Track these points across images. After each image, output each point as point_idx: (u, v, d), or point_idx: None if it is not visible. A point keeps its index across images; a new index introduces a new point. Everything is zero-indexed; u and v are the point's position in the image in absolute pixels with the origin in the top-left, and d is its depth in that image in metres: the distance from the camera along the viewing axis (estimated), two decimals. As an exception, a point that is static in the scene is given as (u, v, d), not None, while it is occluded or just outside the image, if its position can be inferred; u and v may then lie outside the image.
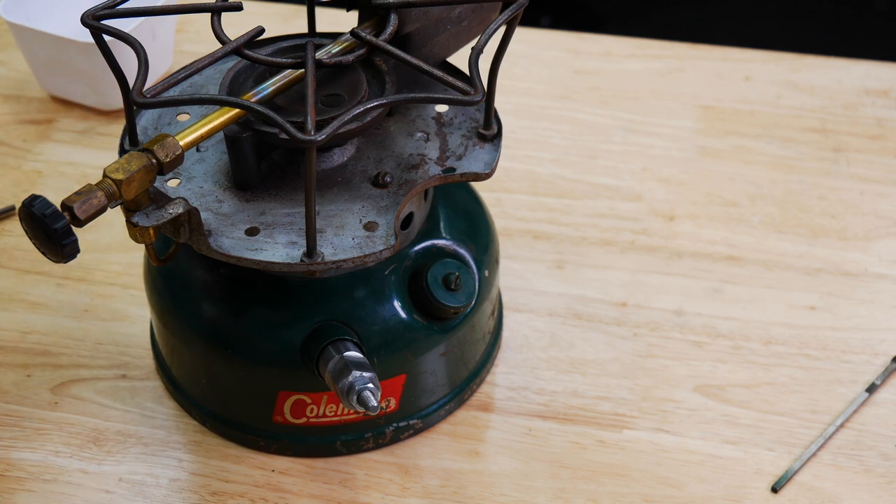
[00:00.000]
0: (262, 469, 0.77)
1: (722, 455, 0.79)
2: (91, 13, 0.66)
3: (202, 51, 1.05)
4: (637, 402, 0.82)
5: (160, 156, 0.63)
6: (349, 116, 0.62)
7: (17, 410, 0.80)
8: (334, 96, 0.69)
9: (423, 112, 0.75)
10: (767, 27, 1.91)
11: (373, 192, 0.70)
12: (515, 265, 0.90)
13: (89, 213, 0.60)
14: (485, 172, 0.70)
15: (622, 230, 0.93)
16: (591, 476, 0.78)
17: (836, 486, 0.77)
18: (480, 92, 0.64)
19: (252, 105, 0.63)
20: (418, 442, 0.79)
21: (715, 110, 1.05)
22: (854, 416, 0.81)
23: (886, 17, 1.98)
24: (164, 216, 0.64)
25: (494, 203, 0.95)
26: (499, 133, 0.73)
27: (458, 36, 0.73)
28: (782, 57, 1.10)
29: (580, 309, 0.87)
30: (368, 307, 0.73)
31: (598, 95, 1.06)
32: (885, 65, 1.09)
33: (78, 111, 1.03)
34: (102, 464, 0.78)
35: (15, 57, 1.09)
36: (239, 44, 0.66)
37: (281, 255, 0.66)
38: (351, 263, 0.66)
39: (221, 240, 0.67)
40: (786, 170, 0.99)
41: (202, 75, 0.76)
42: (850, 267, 0.91)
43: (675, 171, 0.99)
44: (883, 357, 0.85)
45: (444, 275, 0.73)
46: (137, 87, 0.63)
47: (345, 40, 0.70)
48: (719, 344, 0.85)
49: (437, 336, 0.75)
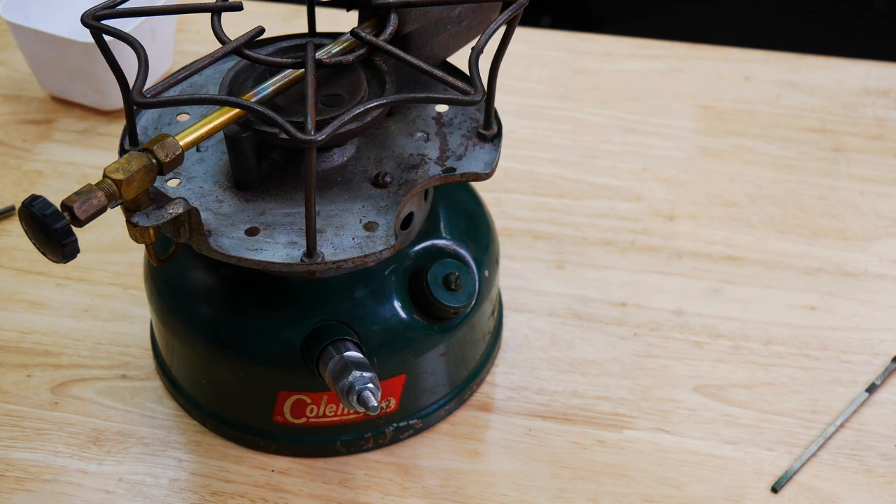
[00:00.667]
0: (262, 469, 0.77)
1: (722, 455, 0.79)
2: (91, 13, 0.66)
3: (202, 51, 1.05)
4: (637, 402, 0.82)
5: (160, 156, 0.63)
6: (349, 116, 0.62)
7: (17, 410, 0.80)
8: (334, 96, 0.69)
9: (423, 112, 0.75)
10: (767, 27, 1.91)
11: (373, 192, 0.70)
12: (515, 265, 0.90)
13: (89, 213, 0.60)
14: (485, 172, 0.71)
15: (622, 230, 0.93)
16: (591, 476, 0.78)
17: (836, 486, 0.77)
18: (480, 92, 0.64)
19: (252, 105, 0.63)
20: (418, 442, 0.79)
21: (715, 110, 1.05)
22: (854, 416, 0.81)
23: (886, 17, 1.98)
24: (165, 216, 0.64)
25: (494, 203, 0.95)
26: (499, 133, 0.73)
27: (458, 36, 0.73)
28: (782, 57, 1.10)
29: (580, 309, 0.87)
30: (368, 307, 0.73)
31: (598, 95, 1.06)
32: (885, 65, 1.09)
33: (78, 111, 1.03)
34: (102, 464, 0.78)
35: (15, 57, 1.09)
36: (239, 44, 0.66)
37: (281, 256, 0.66)
38: (351, 263, 0.66)
39: (221, 240, 0.67)
40: (786, 170, 0.99)
41: (202, 75, 0.76)
42: (850, 267, 0.91)
43: (675, 171, 0.99)
44: (883, 357, 0.85)
45: (444, 275, 0.73)
46: (137, 87, 0.63)
47: (345, 40, 0.70)
48: (719, 344, 0.85)
49: (437, 336, 0.75)
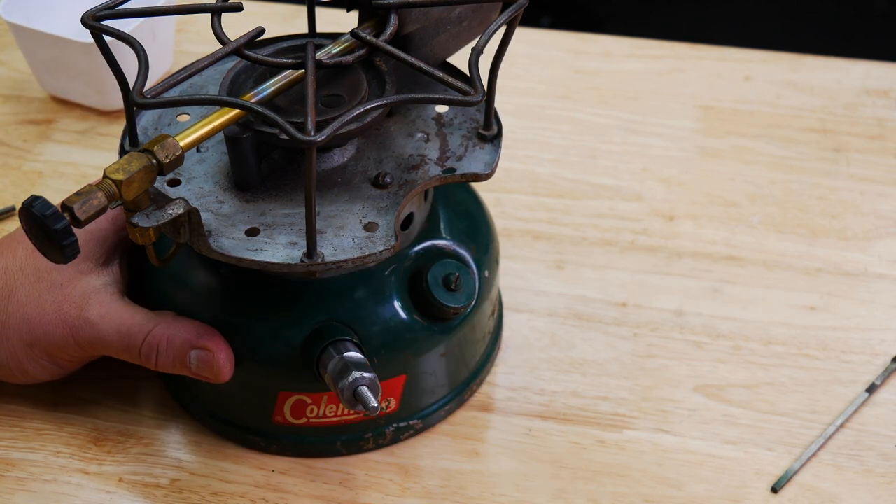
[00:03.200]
0: (262, 469, 0.77)
1: (722, 455, 0.79)
2: (91, 13, 0.66)
3: (202, 51, 1.05)
4: (637, 403, 0.82)
5: (160, 156, 0.62)
6: (349, 117, 0.62)
7: (17, 410, 0.80)
8: (335, 97, 0.69)
9: (424, 112, 0.75)
10: (767, 27, 1.91)
11: (373, 192, 0.70)
12: (515, 265, 0.90)
13: (89, 214, 0.60)
14: (485, 173, 0.70)
15: (622, 230, 0.93)
16: (591, 476, 0.78)
17: (836, 486, 0.77)
18: (480, 92, 0.64)
19: (252, 105, 0.63)
20: (418, 442, 0.79)
21: (715, 110, 1.05)
22: (854, 416, 0.81)
23: (886, 17, 1.98)
24: (165, 217, 0.64)
25: (494, 203, 0.95)
26: (499, 133, 0.73)
27: (458, 36, 0.73)
28: (782, 57, 1.10)
29: (580, 309, 0.88)
30: (369, 308, 0.73)
31: (598, 95, 1.06)
32: (885, 65, 1.09)
33: (78, 111, 1.03)
34: (102, 464, 0.78)
35: (15, 57, 1.09)
36: (239, 44, 0.66)
37: (281, 256, 0.66)
38: (351, 264, 0.66)
39: (221, 240, 0.67)
40: (786, 170, 0.99)
41: (202, 75, 0.76)
42: (850, 267, 0.91)
43: (675, 171, 0.99)
44: (883, 357, 0.85)
45: (444, 275, 0.73)
46: (137, 87, 0.63)
47: (345, 41, 0.70)
48: (719, 344, 0.85)
49: (437, 336, 0.75)
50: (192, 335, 0.71)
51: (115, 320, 0.72)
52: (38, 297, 0.73)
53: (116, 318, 0.72)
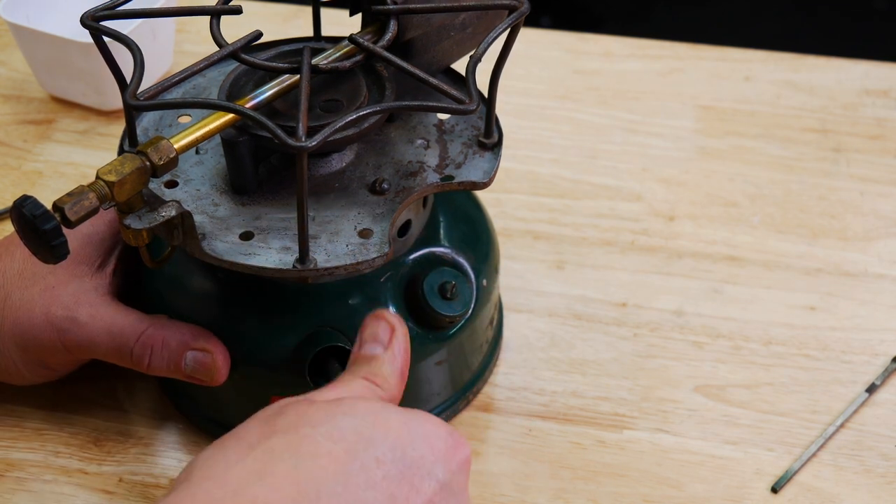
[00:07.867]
0: (262, 470, 0.77)
1: (722, 455, 0.79)
2: (90, 14, 0.66)
3: (202, 51, 1.05)
4: (637, 403, 0.82)
5: (154, 158, 0.62)
6: (341, 123, 0.61)
7: (17, 410, 0.80)
8: (333, 101, 0.68)
9: (425, 119, 0.74)
10: (767, 27, 1.91)
11: (370, 198, 0.69)
12: (515, 265, 0.90)
13: (80, 215, 0.59)
14: (482, 182, 0.70)
15: (622, 230, 0.93)
16: (591, 476, 0.78)
17: (835, 486, 0.77)
18: (476, 101, 0.63)
19: (244, 110, 0.62)
20: (418, 442, 0.79)
21: (715, 110, 1.05)
22: (854, 416, 0.81)
23: (886, 17, 1.98)
24: (157, 219, 0.63)
25: (494, 203, 0.95)
26: (499, 142, 0.72)
27: (462, 43, 0.73)
28: (782, 57, 1.10)
29: (580, 309, 0.88)
30: (363, 314, 0.71)
31: (598, 95, 1.06)
32: (885, 65, 1.09)
33: (78, 111, 1.04)
34: (102, 464, 0.78)
35: (15, 57, 1.09)
36: (235, 48, 0.66)
37: (273, 261, 0.65)
38: (343, 270, 0.65)
39: (215, 243, 0.66)
40: (786, 170, 0.99)
41: (205, 77, 0.76)
42: (850, 267, 0.91)
43: (675, 171, 0.99)
44: (883, 357, 0.85)
45: (440, 283, 0.72)
46: (131, 89, 0.63)
47: (344, 46, 0.69)
48: (719, 344, 0.85)
49: (433, 345, 0.74)
50: (189, 337, 0.71)
51: (105, 321, 0.72)
52: (29, 301, 0.72)
53: (108, 318, 0.72)
